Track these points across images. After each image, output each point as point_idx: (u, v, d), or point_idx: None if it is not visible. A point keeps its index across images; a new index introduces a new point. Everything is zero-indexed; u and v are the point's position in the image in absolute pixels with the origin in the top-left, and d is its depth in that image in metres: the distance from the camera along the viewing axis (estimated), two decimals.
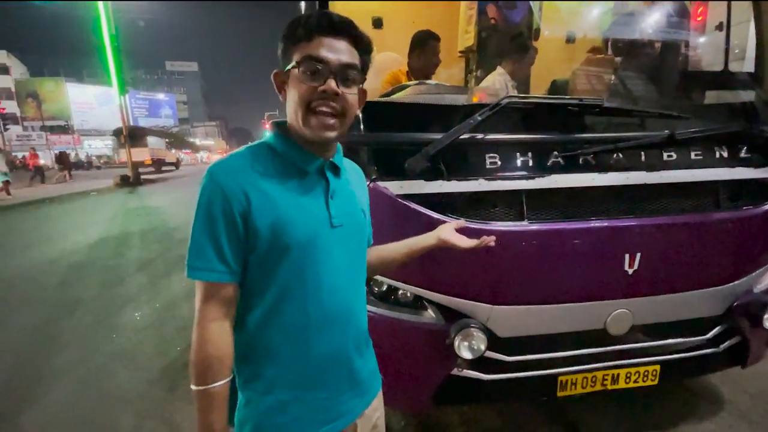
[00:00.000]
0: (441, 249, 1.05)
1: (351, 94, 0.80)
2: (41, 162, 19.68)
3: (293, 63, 0.78)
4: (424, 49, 2.50)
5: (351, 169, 0.97)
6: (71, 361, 2.82)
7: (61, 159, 20.85)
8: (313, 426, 0.85)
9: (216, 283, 0.78)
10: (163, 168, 29.63)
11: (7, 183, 12.87)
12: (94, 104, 47.38)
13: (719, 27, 2.07)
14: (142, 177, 17.39)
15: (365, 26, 0.84)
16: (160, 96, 61.81)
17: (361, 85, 0.85)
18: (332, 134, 0.80)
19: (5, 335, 3.28)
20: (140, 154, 29.40)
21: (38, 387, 2.52)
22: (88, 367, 2.74)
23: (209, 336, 0.77)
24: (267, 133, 0.89)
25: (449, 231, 1.05)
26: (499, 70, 2.30)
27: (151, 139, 30.00)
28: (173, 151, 35.86)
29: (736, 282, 1.61)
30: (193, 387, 0.77)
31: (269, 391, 0.83)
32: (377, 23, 3.07)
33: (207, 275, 0.77)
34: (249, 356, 0.84)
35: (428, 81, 2.33)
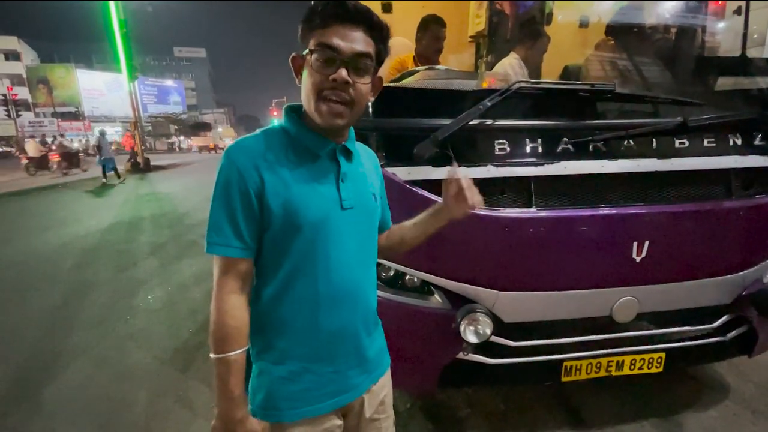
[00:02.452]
0: (449, 226, 0.99)
1: (363, 84, 0.81)
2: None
3: (308, 49, 0.80)
4: (426, 33, 2.48)
5: (365, 153, 0.99)
6: (87, 341, 2.91)
7: None
8: (321, 397, 0.89)
9: (232, 258, 0.82)
10: (217, 151, 40.27)
11: (114, 168, 12.99)
12: (104, 90, 47.44)
13: (737, 11, 2.01)
14: (152, 164, 17.54)
15: (374, 10, 0.83)
16: (169, 82, 61.54)
17: (376, 74, 0.85)
18: (341, 122, 0.82)
19: (26, 314, 3.38)
20: (206, 141, 44.92)
21: (56, 365, 2.61)
22: (103, 346, 2.83)
23: (226, 307, 0.81)
24: (275, 120, 0.89)
25: (450, 193, 0.93)
26: (513, 54, 2.28)
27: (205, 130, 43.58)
28: (223, 139, 49.17)
29: (745, 271, 1.60)
30: (212, 355, 0.81)
31: (281, 362, 0.87)
32: (386, 7, 3.02)
33: (224, 250, 0.81)
34: (263, 328, 0.88)
35: (438, 66, 2.31)
